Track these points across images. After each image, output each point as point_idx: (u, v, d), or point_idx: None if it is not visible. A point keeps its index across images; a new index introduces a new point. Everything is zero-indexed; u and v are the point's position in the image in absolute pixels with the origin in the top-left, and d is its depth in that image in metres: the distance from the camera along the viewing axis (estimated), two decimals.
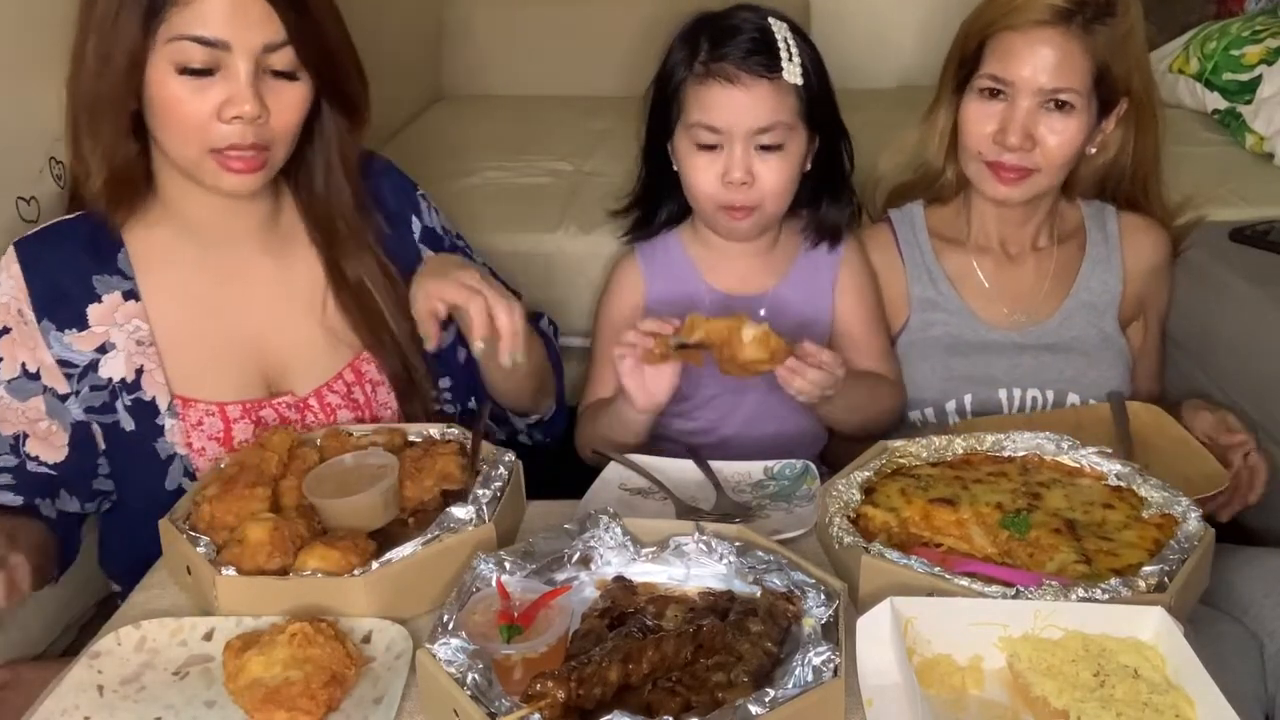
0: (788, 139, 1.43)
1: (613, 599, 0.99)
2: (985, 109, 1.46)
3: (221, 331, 1.30)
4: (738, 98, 1.40)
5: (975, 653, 0.93)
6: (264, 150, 1.20)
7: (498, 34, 2.83)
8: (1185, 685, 0.87)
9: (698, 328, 1.28)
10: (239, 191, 1.22)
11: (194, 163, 1.20)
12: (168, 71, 1.16)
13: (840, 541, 1.05)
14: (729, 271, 1.54)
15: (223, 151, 1.18)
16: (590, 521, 1.05)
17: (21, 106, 1.67)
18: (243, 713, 0.92)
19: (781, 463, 1.29)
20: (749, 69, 1.40)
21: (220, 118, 1.16)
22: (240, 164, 1.19)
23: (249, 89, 1.16)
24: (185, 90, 1.16)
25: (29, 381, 1.24)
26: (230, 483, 1.10)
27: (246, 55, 1.15)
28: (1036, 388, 1.55)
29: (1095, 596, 0.94)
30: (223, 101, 1.16)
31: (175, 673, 0.98)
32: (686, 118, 1.44)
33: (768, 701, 0.82)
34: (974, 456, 1.20)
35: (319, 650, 0.94)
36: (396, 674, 0.95)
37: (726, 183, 1.42)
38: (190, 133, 1.18)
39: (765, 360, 1.27)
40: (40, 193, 1.73)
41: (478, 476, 1.14)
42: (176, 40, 1.14)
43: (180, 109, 1.16)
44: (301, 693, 0.91)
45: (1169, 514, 1.08)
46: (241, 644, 0.95)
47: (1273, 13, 2.48)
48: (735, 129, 1.41)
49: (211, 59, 1.15)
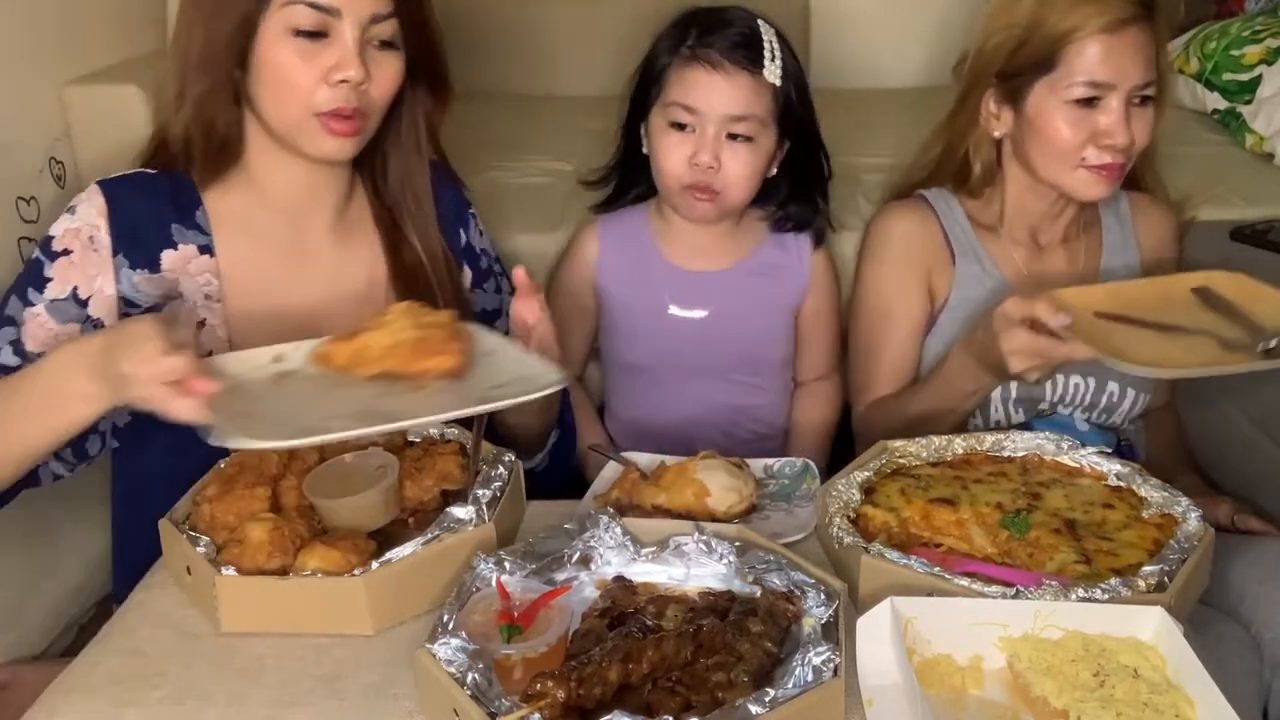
0: (758, 134, 1.50)
1: (613, 599, 0.99)
2: (1081, 116, 1.38)
3: (283, 305, 1.32)
4: (718, 83, 1.47)
5: (975, 653, 0.93)
6: (363, 116, 1.25)
7: (497, 33, 2.83)
8: (1185, 685, 0.87)
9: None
10: (335, 155, 1.27)
11: (295, 125, 1.24)
12: (280, 34, 1.20)
13: (840, 542, 1.05)
14: (689, 249, 1.60)
15: (325, 115, 1.22)
16: (590, 521, 1.06)
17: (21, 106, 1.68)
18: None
19: (781, 461, 1.30)
20: (732, 59, 1.47)
21: (327, 81, 1.21)
22: (342, 127, 1.23)
23: (356, 55, 1.21)
24: (295, 52, 1.20)
25: (74, 306, 1.25)
26: (230, 483, 1.10)
27: (355, 23, 1.20)
28: (1079, 375, 1.51)
29: (1095, 596, 0.94)
30: (331, 66, 1.21)
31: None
32: (665, 96, 1.51)
33: (768, 701, 0.82)
34: (974, 456, 1.20)
35: (431, 317, 1.07)
36: None
37: (693, 164, 1.49)
38: (296, 94, 1.22)
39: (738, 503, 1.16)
40: (40, 193, 1.73)
41: (478, 476, 1.14)
42: (291, 4, 1.19)
43: (290, 71, 1.21)
44: (446, 338, 1.04)
45: (1169, 514, 1.08)
46: (340, 339, 1.06)
47: (1273, 13, 2.48)
48: (710, 113, 1.48)
49: (322, 23, 1.20)
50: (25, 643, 1.56)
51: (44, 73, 1.75)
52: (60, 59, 1.79)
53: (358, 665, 0.99)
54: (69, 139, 1.79)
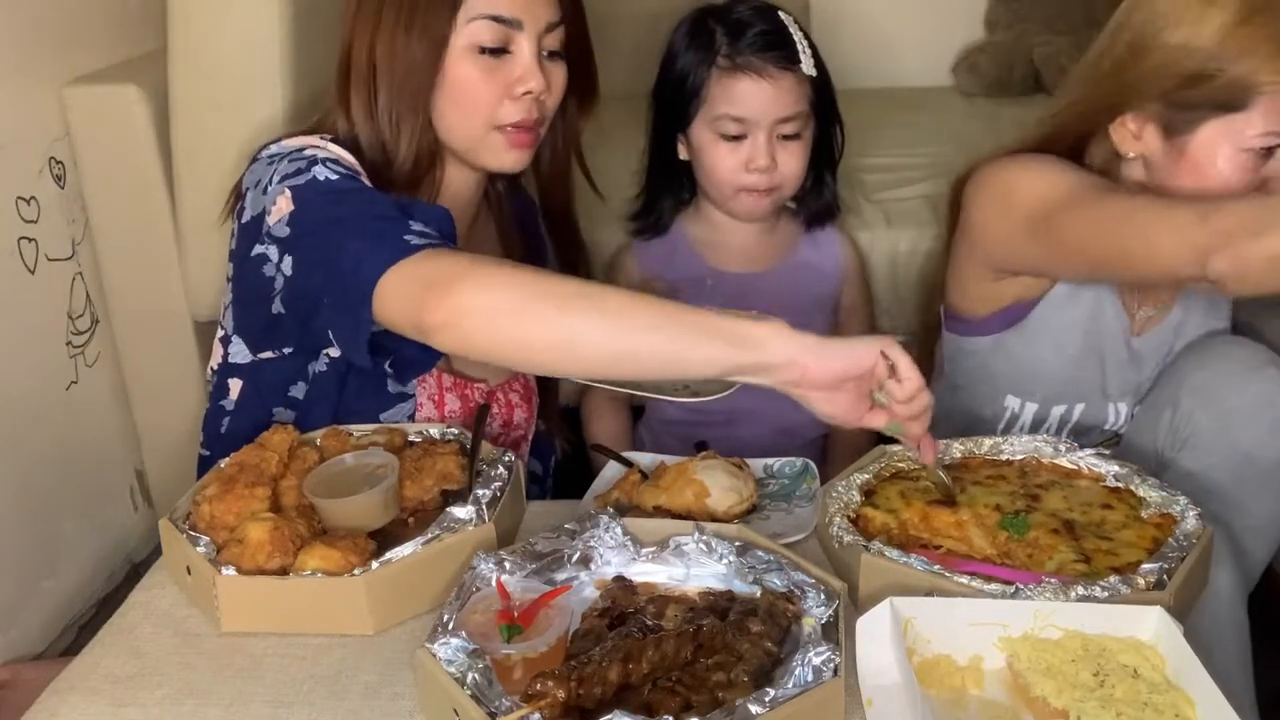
0: (804, 127, 1.53)
1: (613, 599, 0.99)
2: (1256, 164, 1.25)
3: None
4: (766, 90, 1.49)
5: (975, 653, 0.93)
6: (540, 125, 1.28)
7: None
8: (1185, 685, 0.87)
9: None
10: (517, 166, 1.30)
11: (479, 139, 1.27)
12: (466, 52, 1.23)
13: (840, 541, 1.06)
14: (732, 251, 1.60)
15: (506, 128, 1.25)
16: (590, 521, 1.06)
17: (21, 106, 1.68)
18: None
19: (781, 461, 1.29)
20: (774, 62, 1.48)
21: (510, 95, 1.24)
22: (524, 138, 1.27)
23: (536, 67, 1.24)
24: (480, 69, 1.23)
25: None
26: (230, 482, 1.10)
27: (532, 34, 1.24)
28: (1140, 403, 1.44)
29: (1094, 595, 0.95)
30: (514, 79, 1.24)
31: None
32: (711, 110, 1.52)
33: (768, 701, 0.82)
34: (972, 460, 1.20)
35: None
36: None
37: (751, 169, 1.51)
38: (481, 110, 1.25)
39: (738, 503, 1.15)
40: (40, 193, 1.73)
41: (478, 476, 1.14)
42: (477, 20, 1.22)
43: (476, 88, 1.24)
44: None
45: (1168, 513, 1.08)
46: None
47: None
48: (762, 119, 1.50)
49: (505, 38, 1.23)
50: (25, 643, 1.56)
51: (44, 73, 1.75)
52: (60, 59, 1.79)
53: (358, 665, 0.99)
54: (69, 139, 1.79)
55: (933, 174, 2.11)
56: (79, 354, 1.81)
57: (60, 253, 1.77)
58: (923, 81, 2.76)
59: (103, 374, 1.87)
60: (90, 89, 1.79)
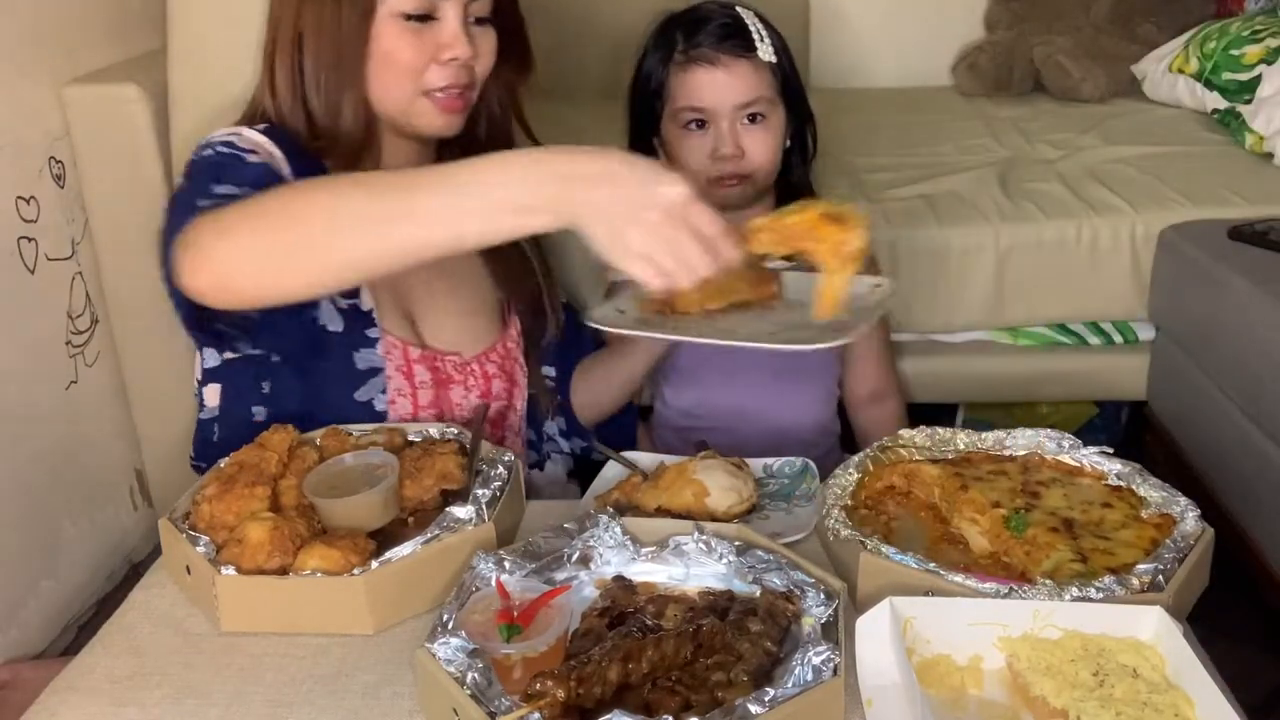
0: (769, 111, 1.53)
1: (612, 598, 0.99)
2: None
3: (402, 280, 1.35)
4: (719, 77, 1.50)
5: (974, 652, 0.93)
6: (470, 90, 1.29)
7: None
8: (1184, 685, 0.87)
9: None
10: (448, 130, 1.30)
11: (408, 105, 1.27)
12: (389, 19, 1.24)
13: (836, 534, 1.06)
14: None
15: (435, 93, 1.27)
16: (590, 521, 1.06)
17: (21, 106, 1.67)
18: None
19: (781, 460, 1.29)
20: (727, 50, 1.50)
21: (436, 60, 1.25)
22: (453, 103, 1.28)
23: (463, 33, 1.25)
24: (406, 37, 1.24)
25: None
26: (229, 482, 1.10)
27: (457, 2, 1.25)
28: None
29: (1090, 595, 0.95)
30: (440, 45, 1.25)
31: None
32: (673, 105, 1.53)
33: (767, 701, 0.82)
34: (974, 454, 1.20)
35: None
36: None
37: (717, 158, 1.51)
38: (408, 76, 1.26)
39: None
40: (40, 193, 1.73)
41: (477, 476, 1.14)
42: None
43: (402, 55, 1.25)
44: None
45: (1167, 513, 1.08)
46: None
47: (1273, 12, 2.48)
48: (721, 106, 1.50)
49: (429, 5, 1.24)
50: (25, 642, 1.56)
51: (44, 73, 1.75)
52: (60, 59, 1.79)
53: (358, 665, 0.99)
54: (69, 139, 1.79)
55: (933, 174, 2.11)
56: (79, 354, 1.82)
57: (60, 252, 1.78)
58: (923, 81, 2.77)
59: (103, 374, 1.87)
60: (90, 89, 1.79)
